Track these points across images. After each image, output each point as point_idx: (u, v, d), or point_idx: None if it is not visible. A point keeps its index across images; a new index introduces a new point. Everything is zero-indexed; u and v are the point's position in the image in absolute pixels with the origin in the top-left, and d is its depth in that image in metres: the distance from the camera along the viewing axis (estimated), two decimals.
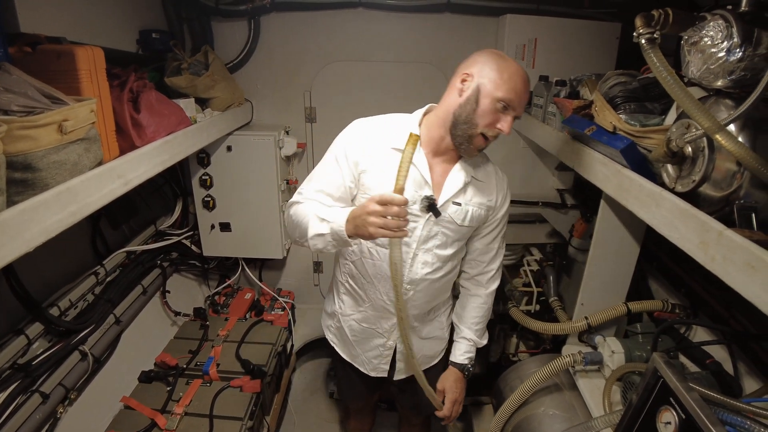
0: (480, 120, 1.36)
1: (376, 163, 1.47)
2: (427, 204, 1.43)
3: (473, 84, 1.36)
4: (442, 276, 1.62)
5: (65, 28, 1.66)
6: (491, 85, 1.34)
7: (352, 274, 1.67)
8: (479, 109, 1.35)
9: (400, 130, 1.47)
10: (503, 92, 1.33)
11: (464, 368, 1.78)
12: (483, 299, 1.76)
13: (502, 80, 1.33)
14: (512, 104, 1.34)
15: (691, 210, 1.07)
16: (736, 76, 1.02)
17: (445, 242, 1.55)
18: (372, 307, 1.67)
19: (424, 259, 1.55)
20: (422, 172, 1.47)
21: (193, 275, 3.01)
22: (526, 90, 1.37)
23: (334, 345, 1.89)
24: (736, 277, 0.91)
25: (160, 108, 1.78)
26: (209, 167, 2.62)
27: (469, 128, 1.37)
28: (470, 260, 1.73)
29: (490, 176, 1.59)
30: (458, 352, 1.78)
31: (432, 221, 1.50)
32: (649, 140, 1.37)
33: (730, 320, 1.65)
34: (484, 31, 2.63)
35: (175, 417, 2.01)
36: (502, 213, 1.63)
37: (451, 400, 1.76)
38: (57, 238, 1.09)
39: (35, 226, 1.02)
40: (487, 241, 1.67)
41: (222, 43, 2.66)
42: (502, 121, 1.36)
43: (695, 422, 0.97)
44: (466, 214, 1.53)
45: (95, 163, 1.27)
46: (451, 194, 1.50)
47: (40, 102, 1.07)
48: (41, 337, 1.74)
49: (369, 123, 1.53)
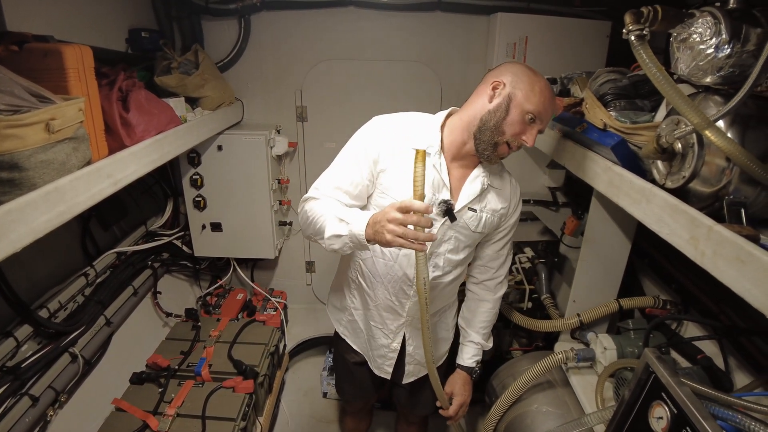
0: (508, 128, 1.36)
1: (396, 163, 1.45)
2: (444, 208, 1.41)
3: (505, 92, 1.36)
4: (452, 280, 1.63)
5: (53, 27, 1.64)
6: (523, 96, 1.34)
7: (363, 273, 1.65)
8: (509, 117, 1.35)
9: (421, 130, 1.47)
10: (534, 105, 1.33)
11: (472, 371, 1.80)
12: (491, 304, 1.77)
13: (534, 93, 1.34)
14: (540, 117, 1.36)
15: (681, 206, 1.07)
16: (725, 72, 1.03)
17: (457, 247, 1.55)
18: (380, 306, 1.65)
19: (435, 262, 1.55)
20: (441, 175, 1.46)
21: (185, 276, 2.99)
22: (552, 106, 1.39)
23: (345, 337, 1.87)
24: (726, 271, 0.92)
25: (150, 107, 1.76)
26: (200, 167, 2.61)
27: (496, 135, 1.37)
28: (479, 266, 1.73)
29: (505, 184, 1.59)
30: (466, 356, 1.80)
31: (447, 225, 1.49)
32: (639, 137, 1.37)
33: (720, 315, 1.67)
34: (475, 30, 2.64)
35: (167, 418, 2.00)
36: (513, 220, 1.64)
37: (458, 403, 1.79)
38: (45, 239, 1.07)
39: (22, 226, 1.00)
40: (498, 247, 1.67)
41: (212, 42, 2.64)
42: (527, 133, 1.37)
43: (687, 417, 0.98)
44: (480, 220, 1.53)
45: (84, 163, 1.25)
46: (469, 200, 1.49)
47: (26, 100, 1.05)
48: (30, 339, 1.72)
49: (390, 121, 1.51)
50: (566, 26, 2.46)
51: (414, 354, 1.74)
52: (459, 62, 2.72)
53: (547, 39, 2.46)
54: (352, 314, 1.79)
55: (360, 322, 1.78)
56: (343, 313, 1.85)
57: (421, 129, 1.48)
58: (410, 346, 1.73)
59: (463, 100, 2.85)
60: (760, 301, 0.84)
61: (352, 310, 1.78)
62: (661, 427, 1.06)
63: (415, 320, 1.65)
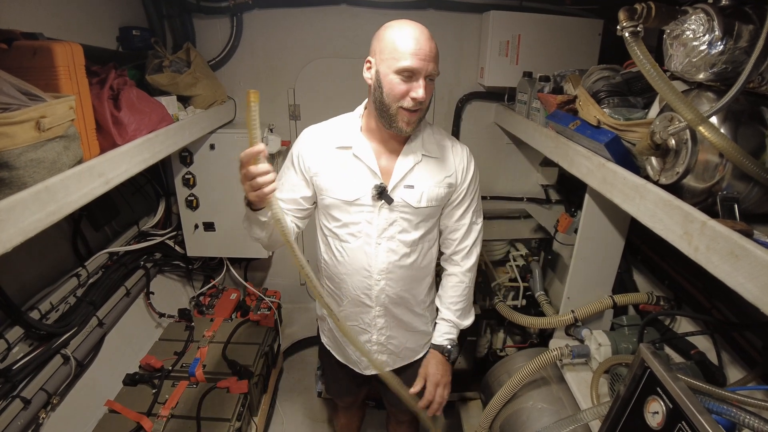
0: (392, 99, 1.37)
1: (326, 164, 1.51)
2: (377, 192, 1.46)
3: (373, 70, 1.40)
4: (414, 261, 1.59)
5: (42, 24, 1.62)
6: (387, 64, 1.35)
7: (329, 275, 1.66)
8: (386, 90, 1.36)
9: (344, 129, 1.53)
10: (400, 64, 1.32)
11: (444, 349, 1.70)
12: (459, 278, 1.70)
13: (397, 52, 1.33)
14: (414, 69, 1.32)
15: (675, 201, 1.08)
16: (718, 69, 1.04)
17: (406, 227, 1.54)
18: (350, 303, 1.65)
19: (388, 247, 1.54)
20: (369, 164, 1.49)
21: (178, 276, 2.97)
22: (426, 46, 1.33)
23: (329, 348, 1.87)
24: (720, 266, 0.93)
25: (141, 106, 1.75)
26: (192, 166, 2.59)
27: (387, 110, 1.39)
28: (443, 240, 1.70)
29: (446, 151, 1.57)
30: (437, 333, 1.72)
31: (387, 208, 1.50)
32: (632, 134, 1.38)
33: (712, 311, 1.68)
34: (468, 28, 2.64)
35: (162, 419, 1.98)
36: (465, 186, 1.59)
37: (433, 383, 1.67)
38: (36, 239, 1.06)
39: (12, 226, 0.99)
40: (455, 217, 1.63)
41: (204, 41, 2.63)
42: (413, 90, 1.35)
43: (683, 411, 0.98)
44: (421, 195, 1.51)
45: (75, 162, 1.24)
46: (400, 177, 1.50)
47: (16, 98, 1.04)
48: (21, 341, 1.71)
49: (317, 128, 1.58)
50: (559, 24, 2.46)
51: (386, 343, 1.72)
52: (452, 60, 2.72)
53: (540, 37, 2.47)
54: (329, 322, 1.79)
55: (336, 330, 1.77)
56: (323, 322, 1.87)
57: (344, 125, 1.54)
58: (382, 336, 1.70)
59: (456, 99, 2.85)
60: (754, 295, 0.85)
61: (328, 318, 1.77)
62: (657, 421, 1.07)
63: (388, 309, 1.64)
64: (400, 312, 1.67)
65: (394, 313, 1.66)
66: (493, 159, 2.90)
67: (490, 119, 2.83)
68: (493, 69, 2.52)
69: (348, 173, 1.50)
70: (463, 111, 2.82)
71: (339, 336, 1.77)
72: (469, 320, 1.76)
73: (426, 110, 1.45)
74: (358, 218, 1.51)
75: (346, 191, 1.49)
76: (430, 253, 1.66)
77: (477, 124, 2.85)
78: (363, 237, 1.53)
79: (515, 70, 2.47)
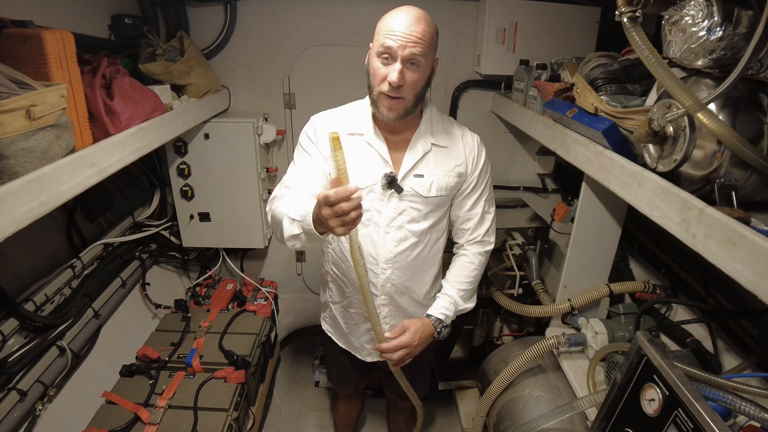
0: (374, 84, 1.37)
1: None
2: (387, 181, 1.45)
3: (367, 56, 1.40)
4: (421, 252, 1.59)
5: (32, 12, 1.59)
6: (374, 48, 1.35)
7: (335, 261, 1.66)
8: (370, 74, 1.37)
9: (355, 116, 1.52)
10: (378, 46, 1.32)
11: (436, 322, 1.61)
12: (469, 258, 1.67)
13: (379, 34, 1.32)
14: (390, 51, 1.30)
15: (673, 188, 1.08)
16: (716, 55, 1.03)
17: (416, 217, 1.53)
18: (355, 290, 1.65)
19: (396, 236, 1.54)
20: (381, 152, 1.48)
21: (173, 267, 2.96)
22: (407, 28, 1.28)
23: (330, 335, 1.88)
24: (718, 253, 0.93)
25: (135, 94, 1.73)
26: (186, 156, 2.57)
27: (372, 95, 1.40)
28: (456, 230, 1.70)
29: (456, 140, 1.56)
30: (434, 306, 1.65)
31: (396, 198, 1.49)
32: (630, 121, 1.37)
33: (708, 299, 1.69)
34: (465, 15, 2.61)
35: (159, 410, 1.98)
36: (476, 175, 1.59)
37: (398, 342, 1.54)
38: (30, 231, 1.05)
39: (3, 216, 0.98)
40: (467, 206, 1.62)
41: (197, 29, 2.59)
42: (390, 74, 1.31)
43: (679, 398, 0.99)
44: (431, 184, 1.51)
45: (67, 151, 1.22)
46: (410, 167, 1.49)
47: (6, 87, 1.02)
48: (16, 333, 1.69)
49: (327, 114, 1.57)
50: (556, 12, 2.44)
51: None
52: (448, 48, 2.69)
53: (537, 24, 2.44)
54: (331, 309, 1.80)
55: (339, 317, 1.78)
56: (325, 309, 1.87)
57: (355, 112, 1.53)
58: (386, 325, 1.69)
59: (452, 87, 2.83)
60: (751, 282, 0.84)
61: (330, 304, 1.79)
62: (653, 408, 1.07)
63: (392, 299, 1.64)
64: (405, 302, 1.68)
65: (398, 303, 1.67)
66: (490, 148, 2.85)
67: (486, 108, 2.81)
68: (490, 57, 2.50)
69: (359, 160, 1.48)
70: (460, 99, 2.80)
71: (342, 323, 1.77)
72: (469, 304, 1.71)
73: (417, 99, 1.40)
74: (368, 206, 1.50)
75: (357, 179, 1.45)
76: (438, 245, 1.66)
77: (474, 113, 2.83)
78: (372, 225, 1.53)
79: (512, 57, 2.45)
